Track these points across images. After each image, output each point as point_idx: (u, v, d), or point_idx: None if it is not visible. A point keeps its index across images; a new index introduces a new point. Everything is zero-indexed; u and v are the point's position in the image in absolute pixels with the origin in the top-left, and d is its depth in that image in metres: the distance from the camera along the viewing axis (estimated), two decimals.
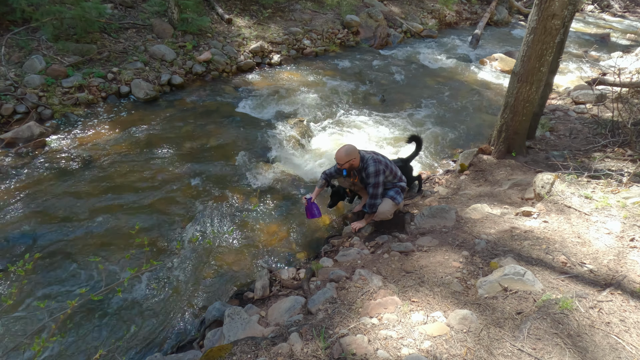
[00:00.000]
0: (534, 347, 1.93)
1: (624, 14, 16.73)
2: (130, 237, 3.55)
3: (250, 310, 2.74)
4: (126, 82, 6.08)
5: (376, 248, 3.33)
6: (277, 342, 2.12)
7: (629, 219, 2.83)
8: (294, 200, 4.30)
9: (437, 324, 2.09)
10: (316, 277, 2.98)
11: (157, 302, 3.08)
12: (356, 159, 3.35)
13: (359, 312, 2.29)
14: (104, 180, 4.32)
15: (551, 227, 2.94)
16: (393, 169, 3.48)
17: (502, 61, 8.77)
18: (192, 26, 7.33)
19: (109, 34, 6.71)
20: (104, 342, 2.76)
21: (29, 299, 3.01)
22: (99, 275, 3.22)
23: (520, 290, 2.29)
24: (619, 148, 4.58)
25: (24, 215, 3.78)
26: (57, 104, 5.39)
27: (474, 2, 13.14)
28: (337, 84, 7.22)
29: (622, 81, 5.69)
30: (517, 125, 4.36)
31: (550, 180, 3.39)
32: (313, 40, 8.75)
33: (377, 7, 10.27)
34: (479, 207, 3.48)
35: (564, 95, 7.20)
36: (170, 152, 4.88)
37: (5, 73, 5.39)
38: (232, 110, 6.04)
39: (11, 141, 4.67)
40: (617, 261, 2.49)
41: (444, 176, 4.74)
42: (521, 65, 4.05)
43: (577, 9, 7.01)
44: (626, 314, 2.09)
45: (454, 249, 2.93)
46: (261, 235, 3.83)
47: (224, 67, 7.18)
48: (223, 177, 4.54)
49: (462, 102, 6.98)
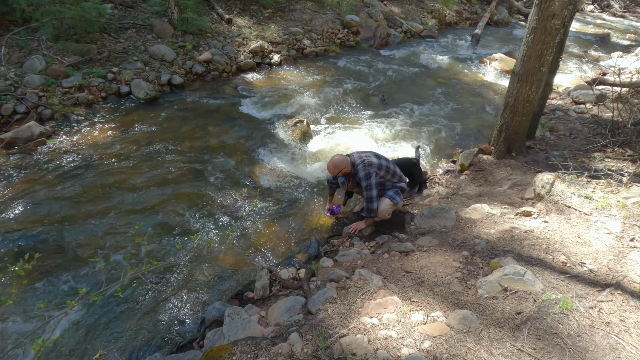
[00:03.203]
0: (534, 347, 1.93)
1: (624, 14, 16.72)
2: (130, 237, 3.55)
3: (250, 310, 2.74)
4: (126, 82, 6.08)
5: (376, 248, 3.33)
6: (277, 342, 2.12)
7: (629, 219, 2.83)
8: (294, 200, 4.30)
9: (437, 324, 2.09)
10: (316, 277, 2.98)
11: (157, 302, 3.08)
12: (347, 167, 3.41)
13: (359, 312, 2.29)
14: (104, 180, 4.32)
15: (551, 227, 2.94)
16: (391, 169, 3.47)
17: (502, 61, 8.76)
18: (192, 26, 7.33)
19: (109, 34, 6.71)
20: (104, 342, 2.76)
21: (29, 299, 3.01)
22: (99, 275, 3.22)
23: (520, 290, 2.29)
24: (619, 148, 4.58)
25: (24, 215, 3.78)
26: (57, 104, 5.39)
27: (474, 2, 13.14)
28: (337, 84, 7.22)
29: (622, 81, 5.70)
30: (517, 125, 4.36)
31: (550, 180, 3.39)
32: (313, 40, 8.75)
33: (377, 7, 10.27)
34: (479, 207, 3.48)
35: (564, 95, 7.20)
36: (170, 152, 4.88)
37: (5, 73, 5.39)
38: (232, 110, 6.04)
39: (11, 141, 4.67)
40: (617, 261, 2.49)
41: (444, 176, 4.74)
42: (521, 65, 4.05)
43: (577, 9, 7.01)
44: (626, 314, 2.09)
45: (454, 249, 2.93)
46: (261, 235, 3.83)
47: (224, 67, 7.18)
48: (223, 176, 4.54)
49: (462, 102, 6.98)
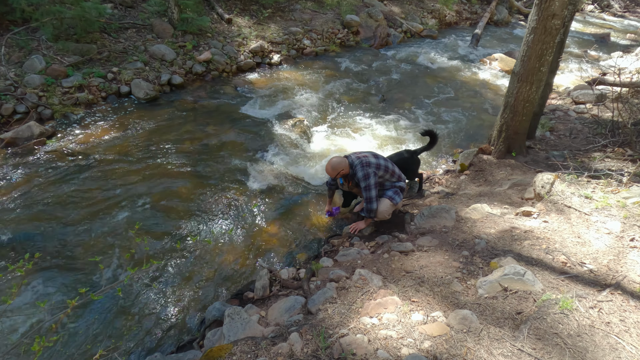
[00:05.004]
0: (534, 347, 1.93)
1: (624, 14, 16.72)
2: (130, 237, 3.55)
3: (250, 310, 2.75)
4: (126, 82, 6.08)
5: (376, 248, 3.33)
6: (277, 342, 2.13)
7: (629, 219, 2.83)
8: (294, 200, 4.30)
9: (437, 324, 2.10)
10: (316, 277, 2.98)
11: (157, 302, 3.08)
12: (345, 168, 3.40)
13: (359, 312, 2.29)
14: (104, 180, 4.32)
15: (551, 227, 2.94)
16: (389, 168, 3.47)
17: (502, 61, 8.76)
18: (192, 26, 7.33)
19: (109, 33, 6.71)
20: (104, 342, 2.76)
21: (29, 298, 3.01)
22: (99, 275, 3.22)
23: (520, 290, 2.29)
24: (619, 148, 4.58)
25: (24, 215, 3.78)
26: (57, 104, 5.39)
27: (474, 2, 13.14)
28: (337, 83, 7.22)
29: (622, 81, 5.69)
30: (517, 125, 4.36)
31: (550, 180, 3.39)
32: (313, 40, 8.75)
33: (377, 7, 10.27)
34: (479, 207, 3.48)
35: (564, 95, 7.20)
36: (170, 152, 4.88)
37: (5, 73, 5.38)
38: (232, 110, 6.04)
39: (11, 141, 4.67)
40: (617, 261, 2.49)
41: (444, 176, 4.74)
42: (521, 65, 4.05)
43: (577, 8, 7.01)
44: (626, 314, 2.09)
45: (454, 248, 2.93)
46: (261, 235, 3.83)
47: (224, 67, 7.18)
48: (223, 176, 4.54)
49: (462, 102, 6.97)
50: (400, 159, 4.01)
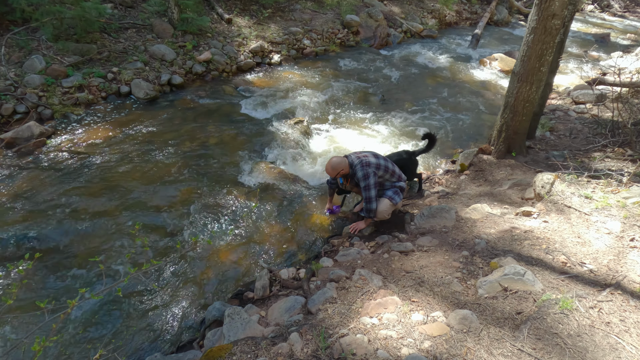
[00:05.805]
0: (534, 347, 1.93)
1: (624, 14, 16.73)
2: (131, 237, 3.55)
3: (250, 310, 2.75)
4: (126, 82, 6.08)
5: (376, 248, 3.33)
6: (277, 342, 2.13)
7: (629, 219, 2.83)
8: (294, 200, 4.30)
9: (437, 324, 2.10)
10: (316, 277, 2.98)
11: (157, 302, 3.08)
12: (345, 168, 3.41)
13: (359, 312, 2.29)
14: (104, 180, 4.32)
15: (551, 227, 2.94)
16: (389, 168, 3.47)
17: (502, 61, 8.76)
18: (192, 26, 7.33)
19: (109, 33, 6.71)
20: (104, 342, 2.76)
21: (29, 298, 3.01)
22: (99, 275, 3.22)
23: (520, 290, 2.29)
24: (619, 148, 4.58)
25: (24, 215, 3.78)
26: (57, 104, 5.39)
27: (474, 2, 13.14)
28: (337, 84, 7.21)
29: (622, 81, 5.69)
30: (517, 125, 4.36)
31: (550, 180, 3.39)
32: (313, 40, 8.75)
33: (377, 7, 10.27)
34: (479, 207, 3.48)
35: (564, 95, 7.20)
36: (170, 152, 4.88)
37: (5, 73, 5.38)
38: (232, 110, 6.04)
39: (11, 141, 4.67)
40: (617, 261, 2.49)
41: (444, 176, 4.74)
42: (521, 65, 4.05)
43: (577, 8, 7.01)
44: (626, 314, 2.09)
45: (454, 248, 2.93)
46: (261, 235, 3.82)
47: (224, 67, 7.18)
48: (223, 176, 4.54)
49: (462, 102, 6.97)
50: (399, 160, 4.01)
